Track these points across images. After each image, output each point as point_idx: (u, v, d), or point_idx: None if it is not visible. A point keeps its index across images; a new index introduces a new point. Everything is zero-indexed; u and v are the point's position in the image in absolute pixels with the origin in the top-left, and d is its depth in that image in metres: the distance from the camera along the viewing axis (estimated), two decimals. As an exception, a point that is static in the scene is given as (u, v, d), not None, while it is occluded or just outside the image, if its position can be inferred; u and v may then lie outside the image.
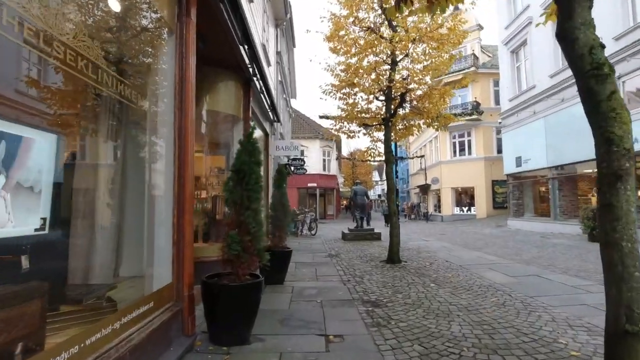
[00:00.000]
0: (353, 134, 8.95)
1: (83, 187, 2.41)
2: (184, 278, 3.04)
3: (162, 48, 3.14)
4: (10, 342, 1.53)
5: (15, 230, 1.71)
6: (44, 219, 1.89)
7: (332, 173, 33.73)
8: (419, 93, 8.41)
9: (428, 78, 7.63)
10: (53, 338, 1.80)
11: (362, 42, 8.01)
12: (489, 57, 27.21)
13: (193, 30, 3.37)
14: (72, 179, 2.35)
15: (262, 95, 7.96)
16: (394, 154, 8.12)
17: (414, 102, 8.55)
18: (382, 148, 9.01)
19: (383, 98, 8.31)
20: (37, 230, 1.84)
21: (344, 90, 8.65)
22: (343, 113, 8.53)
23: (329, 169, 33.12)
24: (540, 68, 14.55)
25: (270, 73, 10.66)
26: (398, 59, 8.01)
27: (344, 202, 42.41)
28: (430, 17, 7.19)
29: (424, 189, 32.66)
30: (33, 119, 1.88)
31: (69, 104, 2.26)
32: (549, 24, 4.02)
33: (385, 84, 7.76)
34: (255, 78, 6.88)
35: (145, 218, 2.91)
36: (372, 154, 8.89)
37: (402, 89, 7.80)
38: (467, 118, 25.76)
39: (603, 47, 2.14)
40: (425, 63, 7.80)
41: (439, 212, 29.30)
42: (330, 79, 8.05)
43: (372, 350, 3.15)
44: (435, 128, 8.27)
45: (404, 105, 8.20)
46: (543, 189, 16.82)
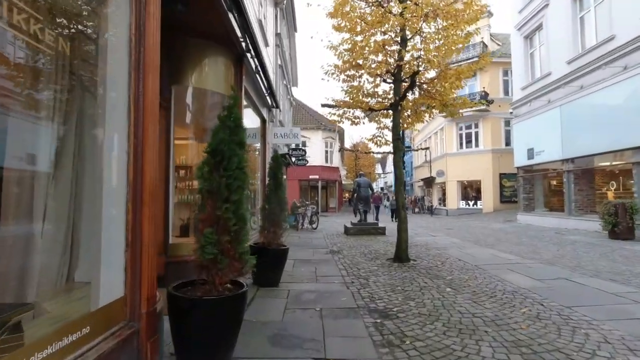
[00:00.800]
0: (358, 120, 8.19)
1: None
2: (142, 290, 2.33)
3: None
4: None
5: None
6: None
7: (334, 165, 32.96)
8: (432, 75, 7.62)
9: (441, 58, 6.83)
10: None
11: (369, 18, 7.20)
12: (498, 45, 26.19)
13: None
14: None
15: (257, 77, 7.21)
16: (403, 142, 7.34)
17: (425, 85, 7.75)
18: (389, 136, 8.26)
19: (391, 80, 7.53)
20: None
21: (348, 72, 7.86)
22: (347, 97, 7.75)
23: (332, 161, 32.36)
24: (557, 54, 13.66)
25: (269, 55, 9.87)
26: (408, 37, 7.21)
27: (347, 194, 41.70)
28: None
29: (429, 182, 31.88)
30: None
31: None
32: (567, 6, 3.24)
33: (395, 64, 6.98)
34: (249, 55, 6.12)
35: (86, 214, 2.19)
36: (378, 142, 8.14)
37: (412, 70, 7.02)
38: (474, 109, 24.89)
39: None
40: (438, 43, 6.99)
41: (444, 206, 28.57)
42: (333, 59, 7.07)
43: (384, 384, 2.46)
44: (448, 114, 7.49)
45: (414, 89, 7.41)
46: (556, 183, 16.02)
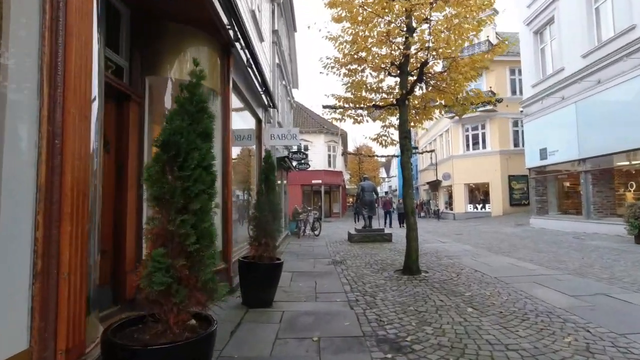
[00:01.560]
0: (361, 118, 7.51)
1: None
2: (59, 339, 1.65)
3: None
4: None
5: None
6: None
7: (337, 169, 32.28)
8: (441, 67, 6.94)
9: (451, 49, 6.14)
10: None
11: (371, 6, 6.54)
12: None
13: None
14: None
15: (250, 71, 6.57)
16: (410, 141, 6.65)
17: (434, 80, 7.05)
18: (395, 135, 7.57)
19: (396, 73, 6.85)
20: None
21: (350, 66, 7.20)
22: (348, 92, 7.07)
23: (335, 165, 31.67)
24: (571, 48, 12.94)
25: (265, 51, 9.25)
26: (415, 25, 6.54)
27: (350, 199, 40.91)
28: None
29: (434, 186, 31.07)
30: None
31: None
32: None
33: (401, 54, 6.32)
34: (239, 45, 5.48)
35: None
36: (383, 142, 7.45)
37: (420, 61, 6.35)
38: (481, 109, 24.14)
39: None
40: (447, 33, 6.31)
41: (451, 209, 27.73)
42: (333, 52, 6.38)
43: None
44: (460, 111, 6.79)
45: (422, 82, 6.71)
46: (571, 184, 15.23)
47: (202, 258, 1.95)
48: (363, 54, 7.09)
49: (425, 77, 6.71)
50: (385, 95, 7.60)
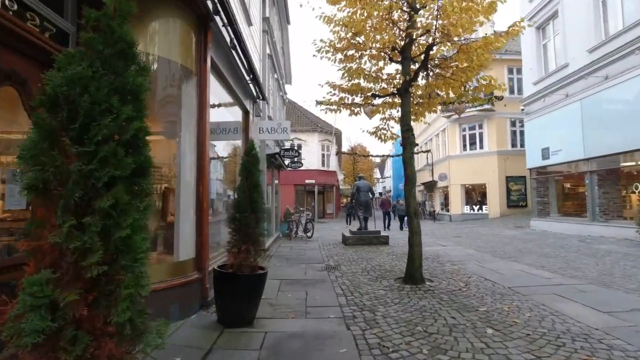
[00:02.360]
0: (358, 110, 6.81)
1: None
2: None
3: None
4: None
5: None
6: None
7: (331, 169, 31.56)
8: (443, 54, 6.25)
9: (460, 30, 5.46)
10: None
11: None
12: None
13: None
14: None
15: (235, 54, 5.83)
16: (414, 134, 5.95)
17: (439, 68, 6.36)
18: (395, 128, 6.89)
19: (398, 59, 6.15)
20: None
21: (347, 52, 6.48)
22: (344, 80, 6.36)
23: (329, 165, 30.95)
24: (575, 42, 12.38)
25: (254, 37, 8.52)
26: (418, 5, 5.85)
27: (345, 200, 40.21)
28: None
29: (430, 187, 30.51)
30: None
31: None
32: None
33: (404, 34, 5.63)
34: (220, 20, 4.75)
35: None
36: (382, 136, 6.76)
37: (426, 44, 5.67)
38: (478, 108, 23.62)
39: None
40: (456, 11, 5.63)
41: (447, 211, 27.17)
42: (328, 35, 5.66)
43: None
44: (469, 100, 6.13)
45: (427, 69, 6.02)
46: (572, 185, 14.69)
47: (115, 286, 1.22)
48: (361, 39, 6.39)
49: (431, 63, 6.02)
50: (385, 85, 6.91)
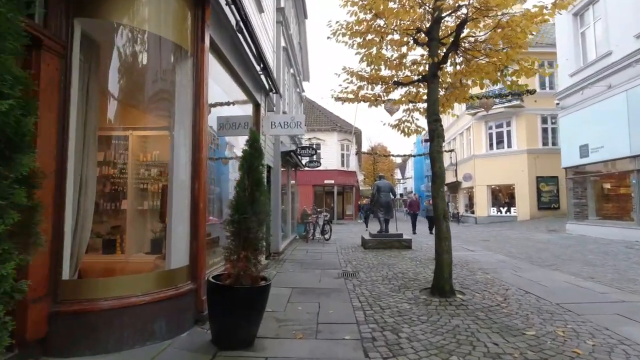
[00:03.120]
0: (378, 99, 6.14)
1: None
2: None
3: None
4: None
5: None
6: None
7: (351, 169, 30.82)
8: (480, 36, 5.50)
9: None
10: None
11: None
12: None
13: None
14: None
15: (242, 39, 5.28)
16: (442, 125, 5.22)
17: (474, 48, 5.58)
18: (420, 121, 6.18)
19: (425, 41, 5.44)
20: None
21: (367, 37, 5.82)
22: (363, 64, 5.68)
23: (348, 165, 30.23)
24: (620, 28, 11.24)
25: (267, 27, 7.98)
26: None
27: (364, 201, 39.33)
28: None
29: (454, 187, 29.28)
30: None
31: None
32: None
33: (432, 6, 4.92)
34: (222, -3, 4.21)
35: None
36: (406, 129, 6.07)
37: (458, 20, 4.95)
38: (505, 105, 22.39)
39: None
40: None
41: (472, 213, 25.94)
42: (345, 17, 5.00)
43: None
44: (510, 86, 5.35)
45: (459, 48, 5.26)
46: (615, 185, 13.43)
47: None
48: (382, 22, 5.72)
49: (463, 45, 5.29)
50: (409, 73, 6.22)
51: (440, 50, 5.41)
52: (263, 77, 7.00)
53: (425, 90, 6.14)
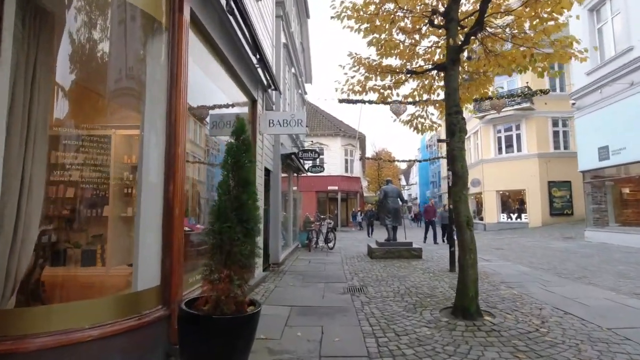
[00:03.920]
0: (389, 92, 5.46)
1: None
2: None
3: None
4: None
5: None
6: None
7: (355, 175, 30.11)
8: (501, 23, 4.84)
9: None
10: None
11: None
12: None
13: None
14: None
15: (234, 22, 4.63)
16: (464, 118, 4.51)
17: (491, 38, 4.93)
18: (435, 116, 5.48)
19: (442, 23, 4.78)
20: None
21: (375, 23, 5.16)
22: (372, 48, 5.00)
23: (352, 171, 29.51)
24: (642, 22, 10.55)
25: (265, 19, 7.36)
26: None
27: (369, 207, 38.59)
28: None
29: (461, 193, 28.40)
30: None
31: None
32: None
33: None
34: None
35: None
36: (420, 126, 5.38)
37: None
38: (515, 107, 21.66)
39: None
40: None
41: (480, 219, 25.06)
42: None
43: None
44: (540, 71, 4.70)
45: (483, 27, 4.57)
46: (634, 190, 12.62)
47: None
48: (392, 6, 5.08)
49: (488, 28, 4.61)
50: (422, 63, 5.55)
51: (461, 34, 4.74)
52: (260, 70, 6.35)
53: (441, 83, 5.48)
